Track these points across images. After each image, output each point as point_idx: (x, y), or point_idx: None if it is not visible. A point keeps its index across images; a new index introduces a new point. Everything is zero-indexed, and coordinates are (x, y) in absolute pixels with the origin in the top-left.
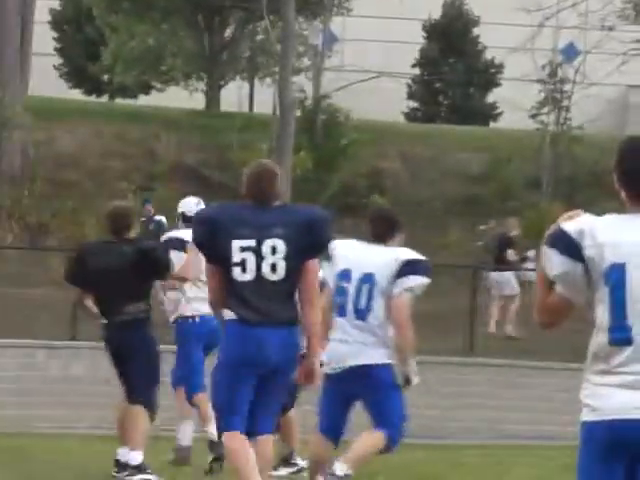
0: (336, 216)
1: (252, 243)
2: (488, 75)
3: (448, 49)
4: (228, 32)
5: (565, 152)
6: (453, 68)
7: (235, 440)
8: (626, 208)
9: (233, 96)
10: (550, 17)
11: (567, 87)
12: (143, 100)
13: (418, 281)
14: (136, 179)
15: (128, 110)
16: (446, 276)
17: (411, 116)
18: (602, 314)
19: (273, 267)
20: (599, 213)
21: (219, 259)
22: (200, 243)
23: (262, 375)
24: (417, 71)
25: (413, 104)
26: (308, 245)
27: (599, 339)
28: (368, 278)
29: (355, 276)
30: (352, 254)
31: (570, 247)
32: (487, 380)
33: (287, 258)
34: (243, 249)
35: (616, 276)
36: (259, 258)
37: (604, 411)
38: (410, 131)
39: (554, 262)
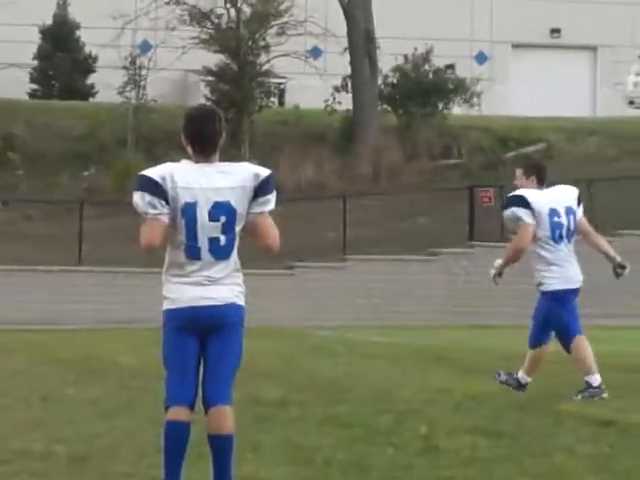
0: None
1: None
2: (87, 65)
3: (58, 46)
4: None
5: (144, 118)
6: (62, 60)
7: None
8: (192, 159)
9: None
10: (130, 22)
11: (144, 72)
12: None
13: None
14: None
15: None
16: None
17: (34, 95)
18: (180, 237)
19: None
20: (174, 160)
21: None
22: None
23: None
24: (37, 63)
25: (35, 87)
26: None
27: (176, 253)
28: None
29: None
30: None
31: (157, 189)
32: None
33: None
34: None
35: (189, 211)
36: None
37: (181, 301)
38: (32, 106)
39: (145, 201)
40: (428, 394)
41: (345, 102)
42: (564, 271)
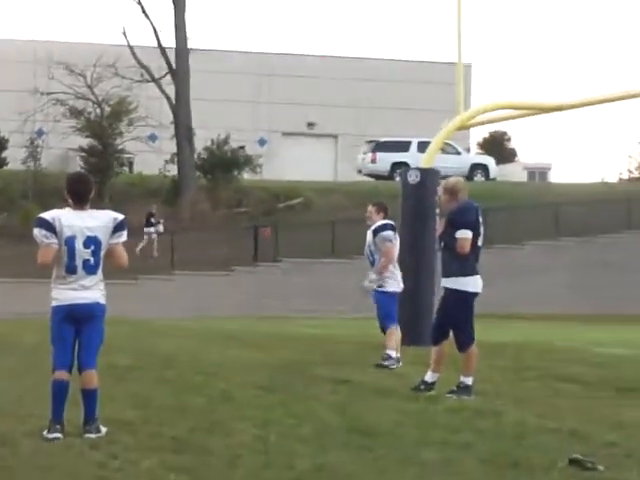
0: None
1: None
2: (1, 144)
3: None
4: None
5: (40, 180)
6: None
7: None
8: (72, 207)
9: None
10: (30, 116)
11: (39, 149)
12: None
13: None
14: None
15: None
16: None
17: None
18: (63, 258)
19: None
20: (60, 208)
21: None
22: None
23: None
24: None
25: None
26: None
27: (60, 269)
28: None
29: None
30: None
31: (49, 226)
32: None
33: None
34: None
35: (70, 242)
36: None
37: (64, 301)
38: None
39: (41, 234)
40: (226, 361)
41: (173, 170)
42: (399, 279)
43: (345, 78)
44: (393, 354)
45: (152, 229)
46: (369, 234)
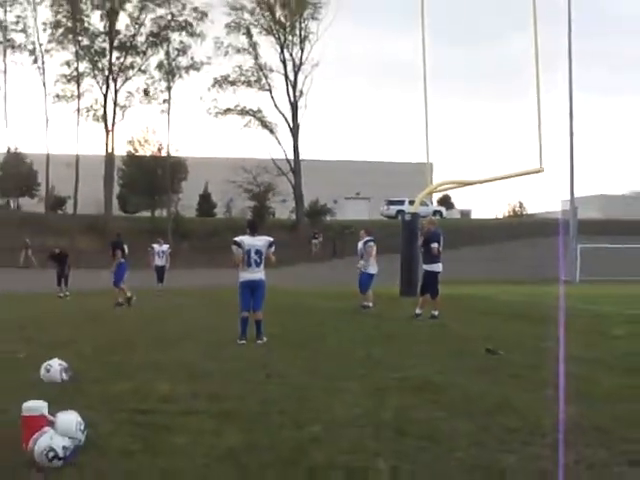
0: None
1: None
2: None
3: None
4: None
5: (232, 223)
6: None
7: None
8: (248, 234)
9: None
10: (226, 193)
11: (231, 208)
12: None
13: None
14: None
15: None
16: None
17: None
18: (245, 259)
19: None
20: (239, 235)
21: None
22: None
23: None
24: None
25: None
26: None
27: (244, 264)
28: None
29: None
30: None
31: (238, 245)
32: None
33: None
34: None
35: (248, 252)
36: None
37: (244, 278)
38: None
39: (234, 248)
40: (316, 305)
41: (293, 216)
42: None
43: (372, 171)
44: (371, 304)
45: (315, 240)
46: (361, 244)
